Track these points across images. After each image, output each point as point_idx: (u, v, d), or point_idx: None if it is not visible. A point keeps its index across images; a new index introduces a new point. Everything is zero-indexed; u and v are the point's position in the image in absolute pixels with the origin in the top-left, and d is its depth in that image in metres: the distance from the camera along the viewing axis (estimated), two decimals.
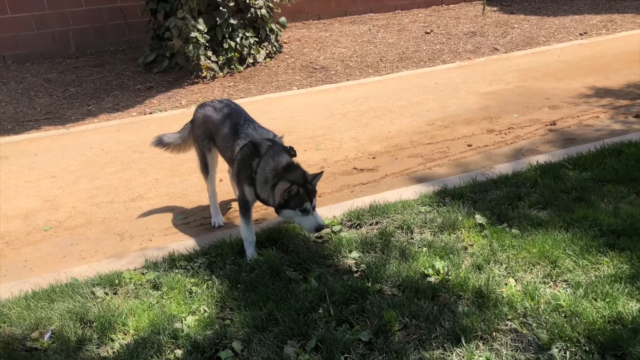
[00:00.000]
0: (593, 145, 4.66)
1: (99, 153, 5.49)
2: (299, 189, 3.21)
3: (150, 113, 6.74)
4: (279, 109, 6.50)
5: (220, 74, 7.91)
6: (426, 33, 9.83)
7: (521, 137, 5.25)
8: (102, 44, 9.38)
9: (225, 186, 4.53)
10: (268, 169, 3.30)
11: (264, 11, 8.43)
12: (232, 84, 7.67)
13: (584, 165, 4.31)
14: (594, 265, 3.11)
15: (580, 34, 9.27)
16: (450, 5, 11.84)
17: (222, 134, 3.64)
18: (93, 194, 4.66)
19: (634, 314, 2.68)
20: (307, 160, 5.00)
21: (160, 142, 4.10)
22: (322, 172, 3.41)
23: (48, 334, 2.83)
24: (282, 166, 3.29)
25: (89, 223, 4.21)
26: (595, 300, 2.83)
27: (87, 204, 4.50)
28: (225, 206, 4.31)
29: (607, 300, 2.81)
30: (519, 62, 7.84)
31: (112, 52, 9.30)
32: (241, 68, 8.16)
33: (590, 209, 3.65)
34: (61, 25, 9.09)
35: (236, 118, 3.64)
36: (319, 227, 3.31)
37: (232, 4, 8.00)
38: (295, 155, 3.46)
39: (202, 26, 7.52)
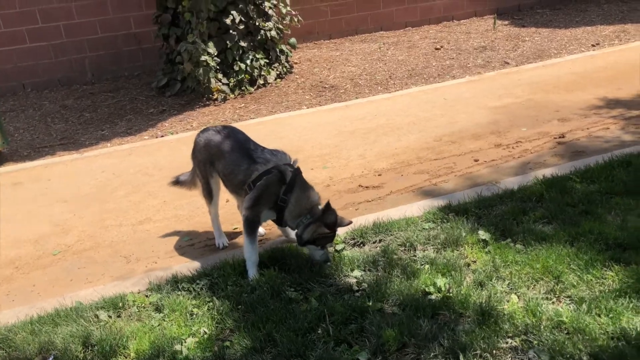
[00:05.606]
0: (601, 157, 4.59)
1: (110, 177, 5.59)
2: (330, 233, 3.49)
3: (162, 136, 6.85)
4: (287, 128, 6.55)
5: (231, 95, 8.01)
6: (436, 49, 9.85)
7: (529, 151, 5.20)
8: (117, 70, 9.60)
9: (231, 207, 4.56)
10: (304, 204, 3.48)
11: (273, 33, 8.55)
12: (242, 105, 7.77)
13: (591, 178, 4.25)
14: (598, 280, 3.05)
15: (593, 45, 9.18)
16: (461, 21, 11.84)
17: (229, 159, 3.67)
18: (102, 217, 4.74)
19: (638, 330, 2.61)
20: (313, 179, 4.99)
21: (177, 182, 4.30)
22: (351, 222, 3.64)
23: (50, 359, 2.87)
24: (320, 206, 3.52)
25: (97, 246, 4.27)
26: (599, 316, 2.77)
27: (96, 227, 4.57)
28: (229, 227, 4.33)
29: (610, 315, 2.75)
30: (530, 75, 7.79)
31: (126, 77, 9.50)
32: (252, 89, 8.25)
33: (596, 222, 3.59)
34: (78, 52, 9.32)
35: (244, 142, 3.71)
36: (327, 260, 3.54)
37: (242, 27, 8.13)
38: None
39: (212, 49, 7.65)
